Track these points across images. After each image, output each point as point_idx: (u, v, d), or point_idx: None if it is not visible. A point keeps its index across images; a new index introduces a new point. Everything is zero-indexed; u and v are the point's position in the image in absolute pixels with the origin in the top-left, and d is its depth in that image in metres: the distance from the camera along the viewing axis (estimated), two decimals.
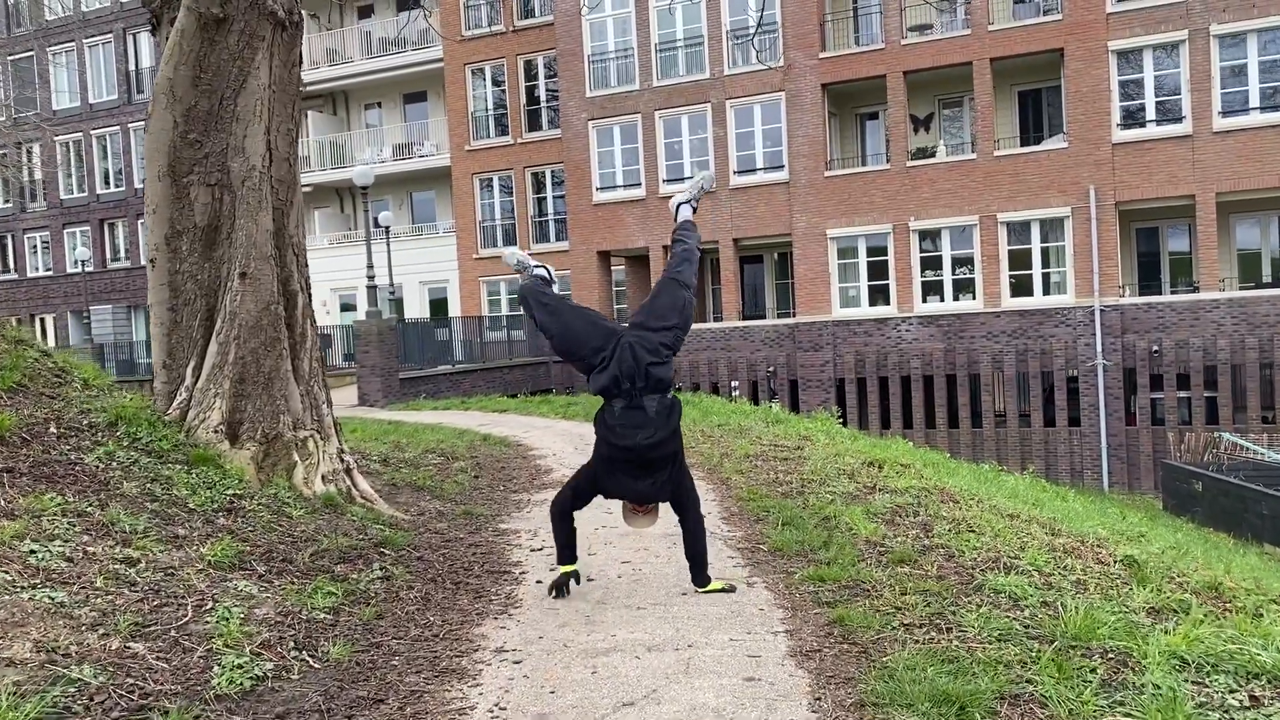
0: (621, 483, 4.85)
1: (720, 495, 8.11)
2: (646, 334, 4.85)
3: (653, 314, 4.97)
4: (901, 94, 24.66)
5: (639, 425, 4.70)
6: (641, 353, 4.75)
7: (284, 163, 7.29)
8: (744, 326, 26.41)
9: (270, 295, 6.99)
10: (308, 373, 7.34)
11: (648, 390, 4.74)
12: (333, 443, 7.36)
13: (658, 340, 4.83)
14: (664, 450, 4.78)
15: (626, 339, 4.83)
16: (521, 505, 7.88)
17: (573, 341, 4.96)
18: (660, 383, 4.78)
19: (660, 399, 4.78)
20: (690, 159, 26.78)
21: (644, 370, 4.73)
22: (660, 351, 4.80)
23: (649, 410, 4.72)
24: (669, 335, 4.88)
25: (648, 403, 4.73)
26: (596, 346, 4.84)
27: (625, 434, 4.71)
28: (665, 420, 4.76)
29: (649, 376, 4.74)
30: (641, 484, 4.82)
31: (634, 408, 4.73)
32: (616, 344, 4.81)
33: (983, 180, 24.03)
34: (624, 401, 4.74)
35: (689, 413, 14.19)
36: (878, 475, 9.40)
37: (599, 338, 4.87)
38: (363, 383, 20.99)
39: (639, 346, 4.78)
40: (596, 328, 4.98)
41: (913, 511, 7.42)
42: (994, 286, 23.99)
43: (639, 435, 4.69)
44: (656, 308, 5.00)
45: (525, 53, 31.06)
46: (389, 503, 7.53)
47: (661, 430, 4.73)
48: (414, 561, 5.73)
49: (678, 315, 4.96)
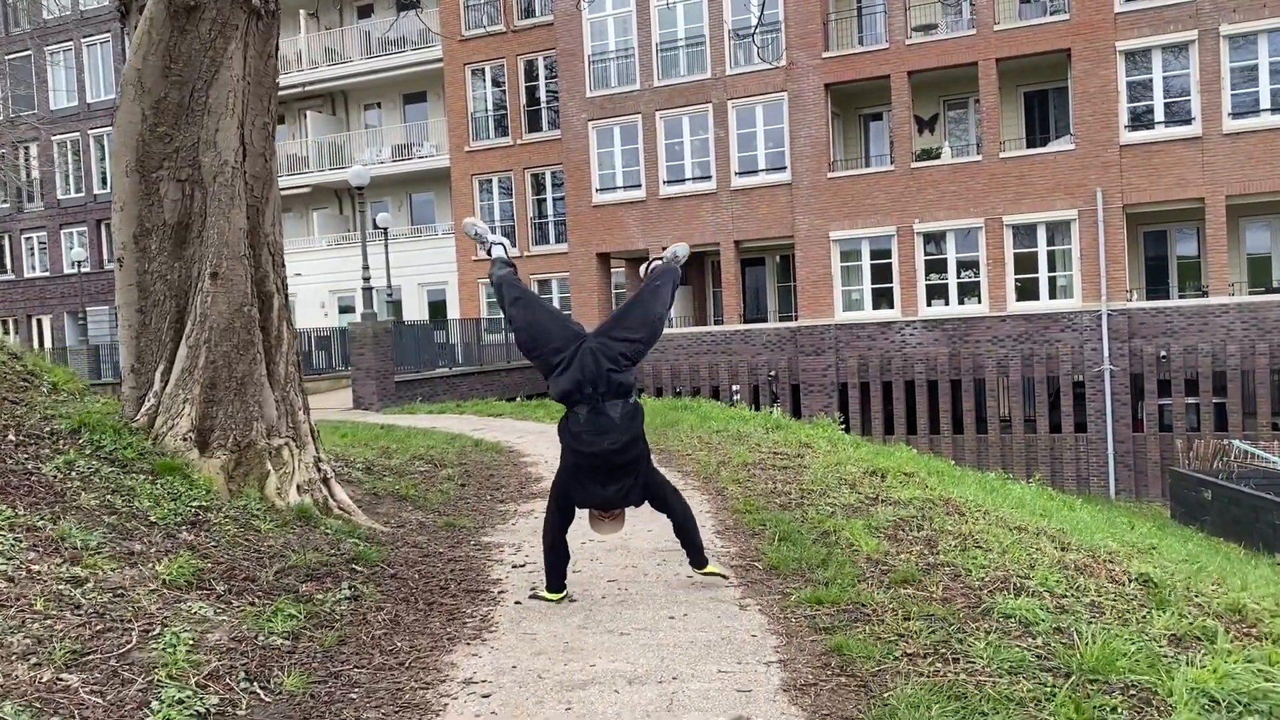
0: (590, 490, 4.86)
1: (715, 507, 7.78)
2: (609, 342, 4.85)
3: (621, 324, 5.01)
4: (906, 94, 24.32)
5: (604, 431, 4.72)
6: (602, 359, 4.76)
7: (259, 158, 6.97)
8: (745, 329, 26.08)
9: (243, 296, 6.67)
10: (283, 378, 7.01)
11: (610, 395, 4.75)
12: (309, 451, 7.03)
13: (618, 350, 4.83)
14: (630, 454, 4.82)
15: (588, 344, 4.82)
16: (507, 516, 7.55)
17: (538, 337, 4.93)
18: (622, 387, 4.79)
19: (624, 403, 4.79)
20: (691, 160, 26.47)
21: (605, 376, 4.73)
22: (619, 361, 4.80)
23: (614, 416, 4.74)
24: (630, 347, 4.87)
25: (610, 408, 4.74)
26: (557, 347, 4.84)
27: (591, 440, 4.74)
28: (629, 425, 4.78)
29: (610, 381, 4.74)
30: (610, 490, 4.83)
31: (598, 413, 4.74)
32: (577, 348, 4.81)
33: (988, 182, 23.69)
34: (588, 407, 4.75)
35: (687, 418, 13.86)
36: (880, 485, 9.06)
37: (561, 338, 4.88)
38: (357, 386, 20.67)
39: (600, 353, 4.78)
40: (563, 327, 4.99)
41: (916, 525, 7.09)
42: (999, 290, 23.64)
43: (605, 441, 4.72)
44: (628, 319, 5.03)
45: (525, 53, 30.76)
46: (369, 514, 7.21)
47: (626, 434, 4.76)
48: (387, 579, 5.40)
49: (646, 330, 4.97)
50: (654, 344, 5.12)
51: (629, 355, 4.85)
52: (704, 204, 26.24)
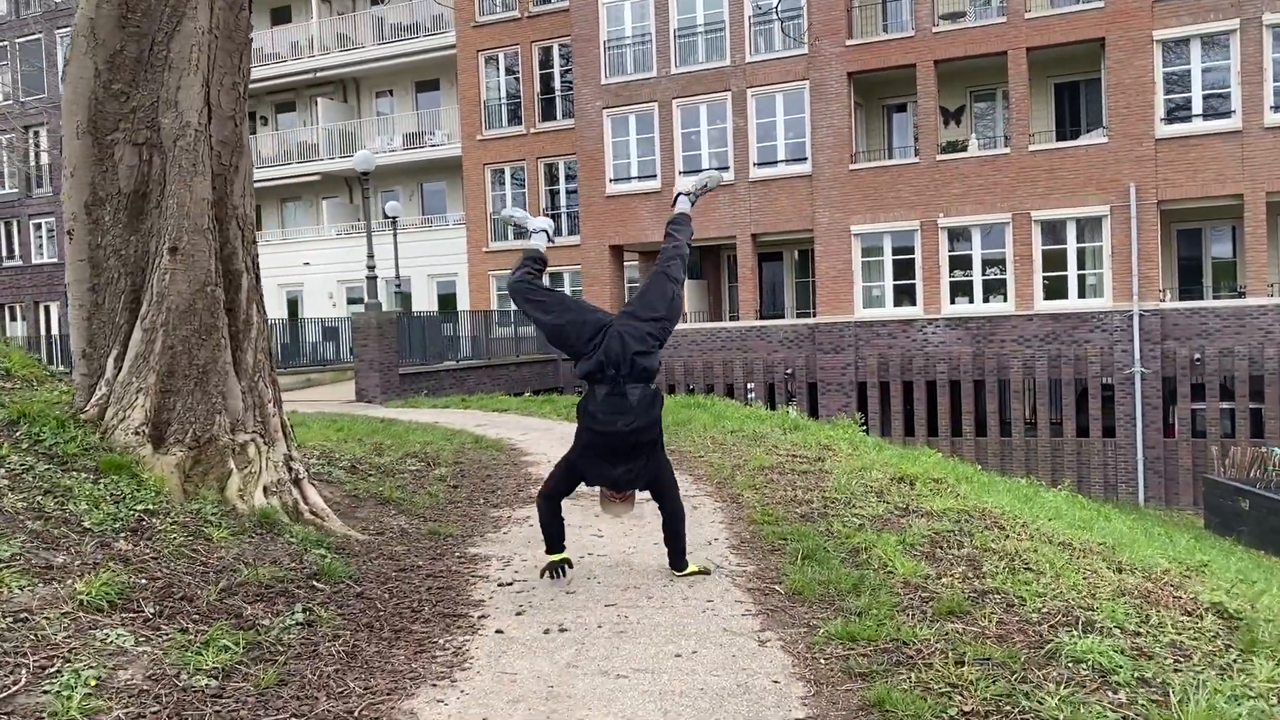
0: (600, 469, 4.93)
1: (729, 516, 7.04)
2: (636, 323, 4.92)
3: (643, 304, 5.06)
4: (931, 84, 23.47)
5: (620, 412, 4.78)
6: (630, 341, 4.83)
7: (228, 122, 6.27)
8: (761, 326, 25.29)
9: (206, 275, 5.97)
10: (251, 366, 6.31)
11: (631, 378, 4.81)
12: (279, 448, 6.33)
13: (645, 330, 4.90)
14: (643, 437, 4.87)
15: (616, 327, 4.89)
16: (500, 524, 6.83)
17: (567, 334, 5.01)
18: (645, 371, 4.85)
19: (644, 388, 4.85)
20: (709, 150, 25.69)
21: (630, 358, 4.80)
22: (647, 341, 4.87)
23: (631, 398, 4.80)
24: (656, 326, 4.95)
25: (630, 390, 4.80)
26: (589, 336, 4.91)
27: (606, 420, 4.80)
28: (647, 409, 4.84)
29: (634, 365, 4.81)
30: (619, 470, 4.89)
31: (617, 395, 4.80)
32: (605, 331, 4.88)
33: (1016, 176, 22.83)
34: (607, 388, 4.81)
35: (700, 417, 13.12)
36: (910, 494, 8.32)
37: (591, 329, 4.93)
38: (360, 378, 20.02)
39: (627, 335, 4.85)
40: (588, 318, 5.01)
41: (955, 542, 6.35)
42: (1026, 288, 22.79)
43: (619, 422, 4.78)
44: (647, 299, 5.08)
45: (540, 39, 30.03)
46: (345, 519, 6.50)
47: (642, 418, 4.81)
48: (350, 600, 4.69)
49: (666, 307, 5.04)
50: (676, 321, 5.17)
51: (656, 335, 4.93)
52: (720, 195, 25.45)
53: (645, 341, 4.84)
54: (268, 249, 35.61)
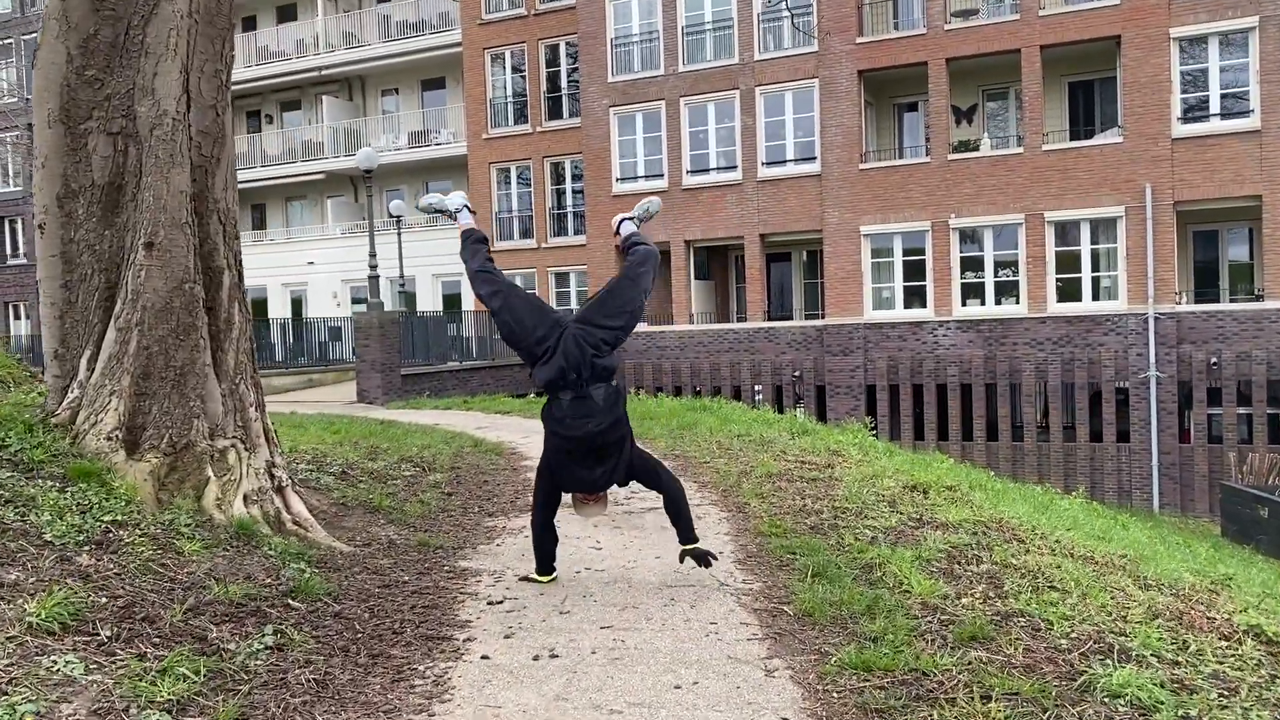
0: (575, 474, 4.90)
1: (735, 527, 6.71)
2: (590, 329, 4.87)
3: (602, 311, 5.00)
4: (943, 83, 23.10)
5: (588, 414, 4.76)
6: (585, 345, 4.79)
7: (209, 111, 5.96)
8: (769, 328, 24.94)
9: (184, 271, 5.67)
10: (232, 368, 6.00)
11: (593, 380, 4.79)
12: (261, 454, 6.02)
13: (600, 336, 4.86)
14: (613, 436, 4.85)
15: (570, 331, 4.85)
16: (494, 534, 6.51)
17: (518, 329, 4.92)
18: (605, 371, 4.84)
19: (606, 387, 4.83)
20: (716, 149, 25.34)
21: (588, 361, 4.77)
22: (601, 347, 4.83)
23: (597, 399, 4.78)
24: (611, 334, 4.91)
25: (594, 391, 4.79)
26: (541, 336, 4.85)
27: (575, 424, 4.77)
28: (612, 407, 4.82)
29: (594, 367, 4.79)
30: (596, 472, 4.88)
31: (582, 398, 4.78)
32: (560, 336, 4.82)
33: (1029, 176, 22.45)
34: (571, 393, 4.78)
35: (706, 420, 12.80)
36: (924, 503, 7.99)
37: (544, 327, 4.88)
38: (362, 379, 19.72)
39: (582, 339, 4.81)
40: (542, 316, 4.97)
41: (974, 556, 6.03)
42: (1039, 290, 22.40)
43: (589, 424, 4.76)
44: (608, 305, 5.02)
45: (546, 37, 29.72)
46: (331, 529, 6.19)
47: (609, 417, 4.80)
48: (328, 619, 4.37)
49: (627, 317, 5.01)
50: (632, 329, 5.16)
51: (610, 342, 4.88)
52: (729, 195, 25.12)
53: (599, 347, 4.82)
54: (272, 248, 35.44)
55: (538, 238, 30.19)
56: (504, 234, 30.99)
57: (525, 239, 30.58)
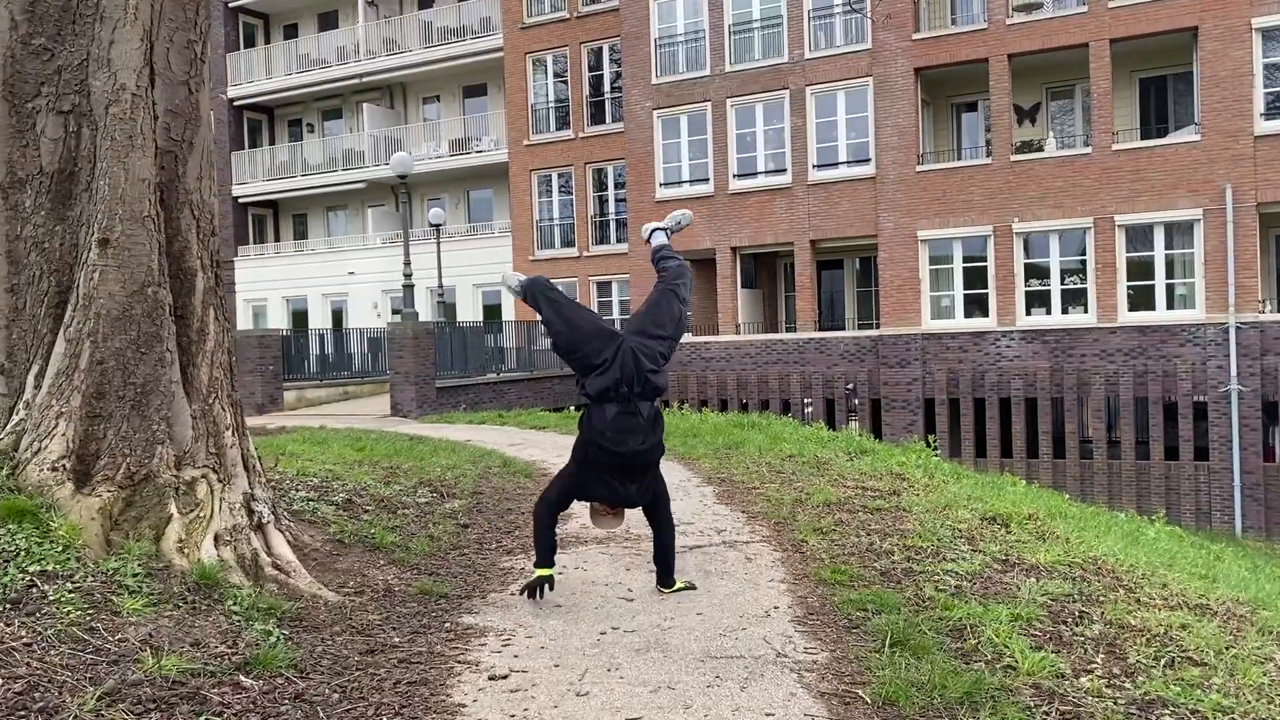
0: (609, 487, 4.84)
1: (792, 572, 5.73)
2: (647, 341, 4.87)
3: (653, 322, 5.00)
4: (1005, 80, 21.90)
5: (632, 430, 4.74)
6: (643, 359, 4.77)
7: (179, 88, 5.15)
8: (820, 338, 23.84)
9: (146, 273, 4.85)
10: (206, 385, 5.17)
11: (643, 395, 4.77)
12: (238, 486, 5.18)
13: (657, 349, 4.85)
14: (652, 456, 4.87)
15: (629, 344, 4.82)
16: (510, 578, 5.60)
17: (578, 340, 4.90)
18: (655, 389, 4.81)
19: (651, 405, 4.81)
20: (764, 151, 24.34)
21: (643, 376, 4.76)
22: (658, 360, 4.83)
23: (643, 415, 4.75)
24: (665, 345, 4.92)
25: (641, 407, 4.76)
26: (598, 348, 4.82)
27: (618, 439, 4.73)
28: (654, 427, 4.82)
29: (647, 383, 4.77)
30: (630, 489, 4.85)
31: (629, 413, 4.74)
32: (619, 348, 4.79)
33: (1098, 178, 21.16)
34: (617, 406, 4.74)
35: (754, 438, 11.82)
36: (1006, 539, 6.98)
37: (602, 339, 4.86)
38: (395, 391, 19.02)
39: (640, 352, 4.79)
40: (600, 330, 4.96)
41: (1080, 613, 5.06)
42: (1109, 298, 21.07)
43: (632, 441, 4.73)
44: (656, 316, 5.04)
45: (589, 40, 28.97)
46: (321, 572, 5.33)
47: (651, 437, 4.80)
48: (285, 704, 3.48)
49: (674, 326, 5.01)
50: (680, 340, 5.14)
51: (665, 354, 4.89)
52: (778, 200, 24.09)
53: (656, 360, 4.79)
54: (313, 258, 35.09)
55: (579, 246, 29.40)
56: (545, 242, 30.25)
57: (567, 247, 29.81)
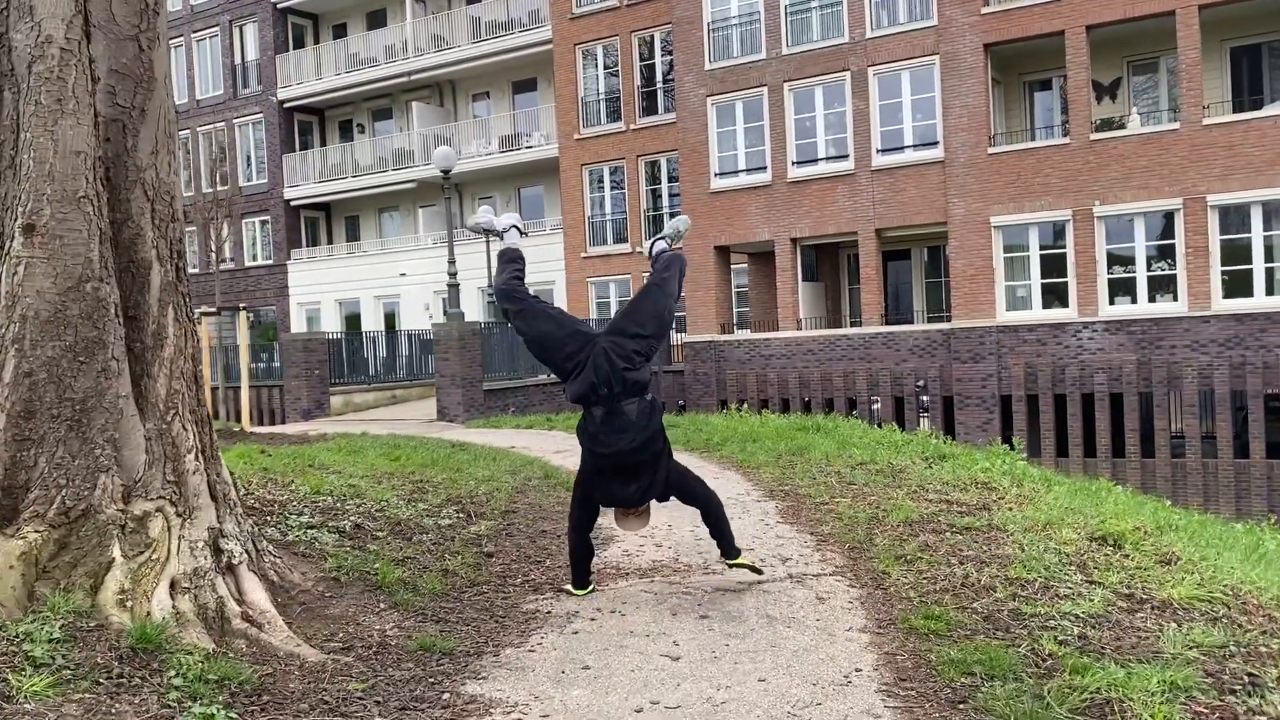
0: (611, 490, 4.83)
1: (875, 616, 4.71)
2: (621, 340, 4.74)
3: (631, 320, 4.88)
4: (1083, 54, 20.43)
5: (621, 430, 4.66)
6: (615, 359, 4.65)
7: (128, 43, 4.31)
8: (888, 333, 22.58)
9: (85, 265, 4.02)
10: (163, 400, 4.33)
11: (625, 394, 4.66)
12: (203, 520, 4.32)
13: (631, 348, 4.71)
14: (648, 452, 4.75)
15: (600, 344, 4.72)
16: (530, 625, 4.65)
17: (548, 347, 4.83)
18: (637, 385, 4.69)
19: (639, 401, 4.71)
20: (824, 137, 23.12)
21: (619, 375, 4.63)
22: (633, 359, 4.70)
23: (630, 415, 4.67)
24: (643, 344, 4.78)
25: (627, 407, 4.67)
26: (570, 352, 4.74)
27: (609, 441, 4.68)
28: (646, 422, 4.71)
29: (625, 381, 4.65)
30: (630, 489, 4.78)
31: (614, 413, 4.66)
32: (590, 350, 4.68)
33: (1187, 155, 19.60)
34: (603, 408, 4.67)
35: (820, 443, 10.76)
36: (1125, 566, 5.88)
37: (573, 343, 4.75)
38: (441, 395, 18.31)
39: (613, 352, 4.67)
40: (570, 334, 4.83)
41: (1249, 678, 3.99)
42: (1201, 285, 19.52)
43: (623, 440, 4.66)
44: (637, 314, 4.91)
45: (640, 29, 28.02)
46: (306, 621, 4.46)
47: (644, 433, 4.69)
48: None
49: (657, 324, 4.86)
50: (664, 338, 5.09)
51: (642, 352, 4.75)
52: (839, 187, 22.88)
53: (631, 360, 4.67)
54: (365, 259, 34.69)
55: (632, 241, 28.47)
56: (597, 239, 29.37)
57: (619, 243, 28.90)
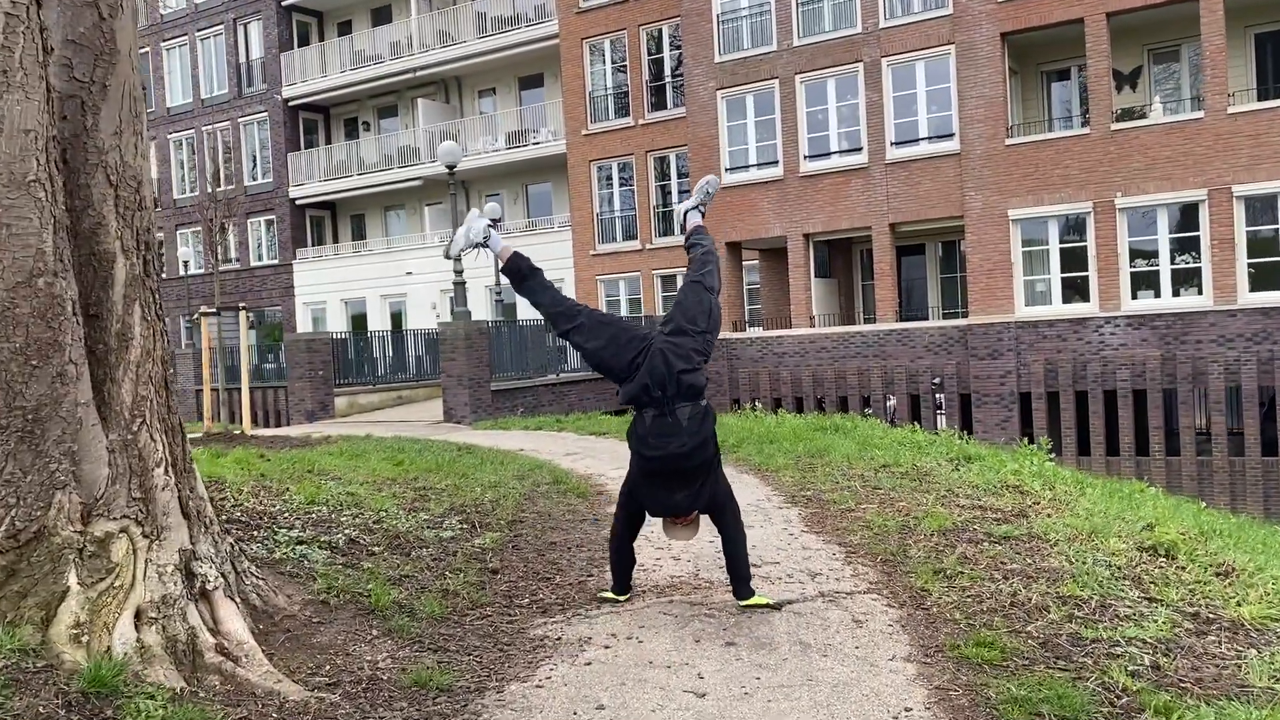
0: (657, 496, 4.69)
1: (919, 643, 4.26)
2: (680, 339, 4.64)
3: (684, 317, 4.73)
4: (1104, 42, 19.90)
5: (671, 434, 4.52)
6: (673, 359, 4.55)
7: (85, 10, 3.88)
8: (903, 329, 22.08)
9: (36, 258, 3.60)
10: (129, 407, 3.90)
11: (679, 398, 4.54)
12: (173, 541, 3.89)
13: (690, 346, 4.62)
14: (697, 459, 4.59)
15: (657, 344, 4.59)
16: (539, 655, 4.20)
17: (605, 358, 4.71)
18: (693, 389, 4.57)
19: (693, 406, 4.57)
20: (837, 130, 22.63)
21: (675, 377, 4.53)
22: (692, 358, 4.61)
23: (681, 419, 4.53)
24: (700, 341, 4.68)
25: (680, 411, 4.54)
26: (631, 358, 4.61)
27: (657, 444, 4.54)
28: (698, 428, 4.56)
29: (680, 384, 4.54)
30: (677, 496, 4.65)
31: (665, 416, 4.53)
32: (647, 350, 4.59)
33: (1211, 145, 19.06)
34: (655, 411, 4.54)
35: (840, 445, 10.29)
36: (1183, 581, 5.44)
37: (632, 349, 4.63)
38: (448, 395, 17.85)
39: (670, 353, 4.57)
40: (629, 340, 4.69)
41: None
42: (1227, 278, 18.97)
43: (671, 444, 4.52)
44: (686, 311, 4.76)
45: (648, 22, 27.55)
46: (291, 650, 4.02)
47: (693, 439, 4.53)
48: None
49: (706, 319, 4.76)
50: (717, 333, 4.89)
51: (700, 350, 4.65)
52: (853, 181, 22.39)
53: (690, 359, 4.59)
54: (371, 259, 34.31)
55: (641, 238, 28.02)
56: (606, 236, 28.91)
57: (629, 240, 28.45)
